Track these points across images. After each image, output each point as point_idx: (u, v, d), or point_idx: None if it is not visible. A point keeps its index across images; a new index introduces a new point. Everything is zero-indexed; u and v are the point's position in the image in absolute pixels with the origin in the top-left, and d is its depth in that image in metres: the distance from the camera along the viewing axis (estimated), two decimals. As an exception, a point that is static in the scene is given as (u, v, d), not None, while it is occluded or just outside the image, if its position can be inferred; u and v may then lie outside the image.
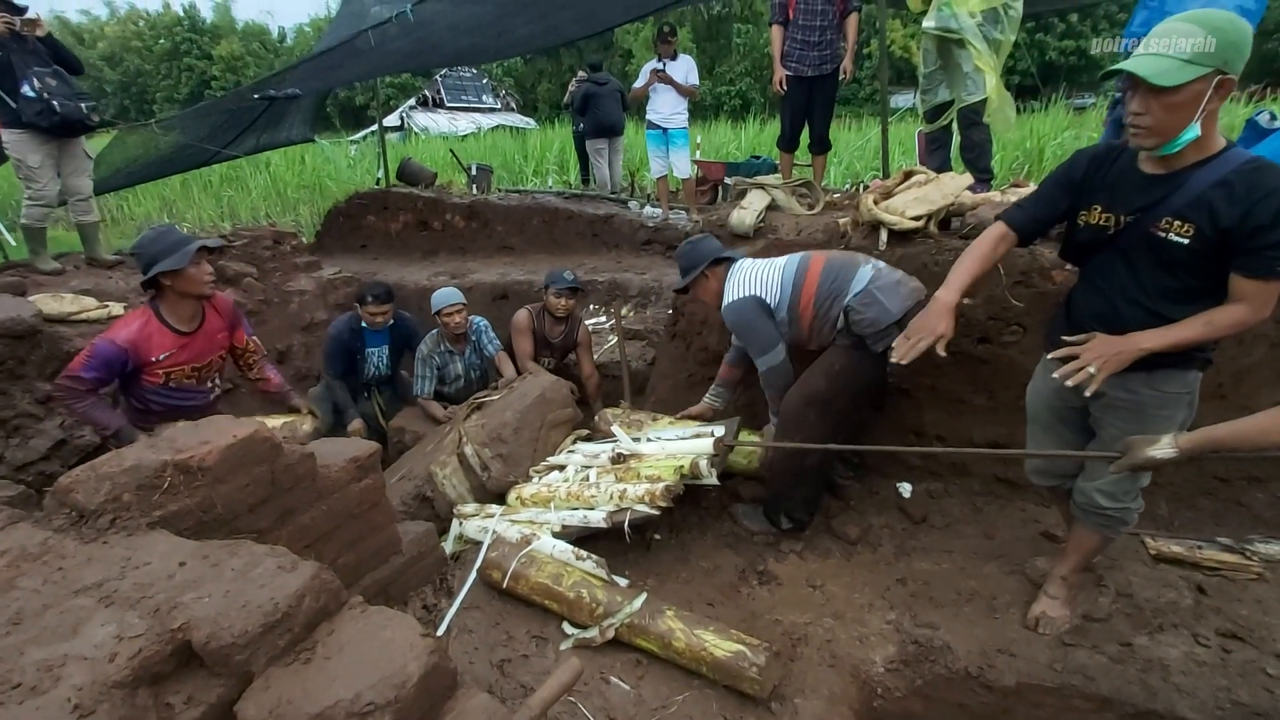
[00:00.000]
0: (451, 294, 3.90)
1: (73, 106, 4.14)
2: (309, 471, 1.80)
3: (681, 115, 6.29)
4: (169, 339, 2.51)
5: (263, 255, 4.98)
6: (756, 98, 25.71)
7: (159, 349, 2.48)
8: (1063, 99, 13.77)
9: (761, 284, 2.56)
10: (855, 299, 2.37)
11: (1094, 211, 1.78)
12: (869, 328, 2.34)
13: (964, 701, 2.09)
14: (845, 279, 2.42)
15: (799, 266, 2.54)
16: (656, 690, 1.93)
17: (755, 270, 2.60)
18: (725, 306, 2.61)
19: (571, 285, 3.78)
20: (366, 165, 12.44)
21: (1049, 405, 2.06)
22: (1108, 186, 1.76)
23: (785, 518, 2.63)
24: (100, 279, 4.36)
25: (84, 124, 4.28)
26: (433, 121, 21.60)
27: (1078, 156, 1.85)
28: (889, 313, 2.32)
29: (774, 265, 2.60)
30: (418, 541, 2.25)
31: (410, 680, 1.14)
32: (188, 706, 1.13)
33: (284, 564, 1.31)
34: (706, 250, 2.75)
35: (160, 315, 2.52)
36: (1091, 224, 1.79)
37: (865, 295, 2.36)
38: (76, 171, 4.43)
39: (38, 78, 4.01)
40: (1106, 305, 1.80)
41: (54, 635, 1.17)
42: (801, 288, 2.50)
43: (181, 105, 29.66)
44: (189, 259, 2.44)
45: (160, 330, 2.50)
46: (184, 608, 1.20)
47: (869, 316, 2.33)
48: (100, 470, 1.49)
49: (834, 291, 2.43)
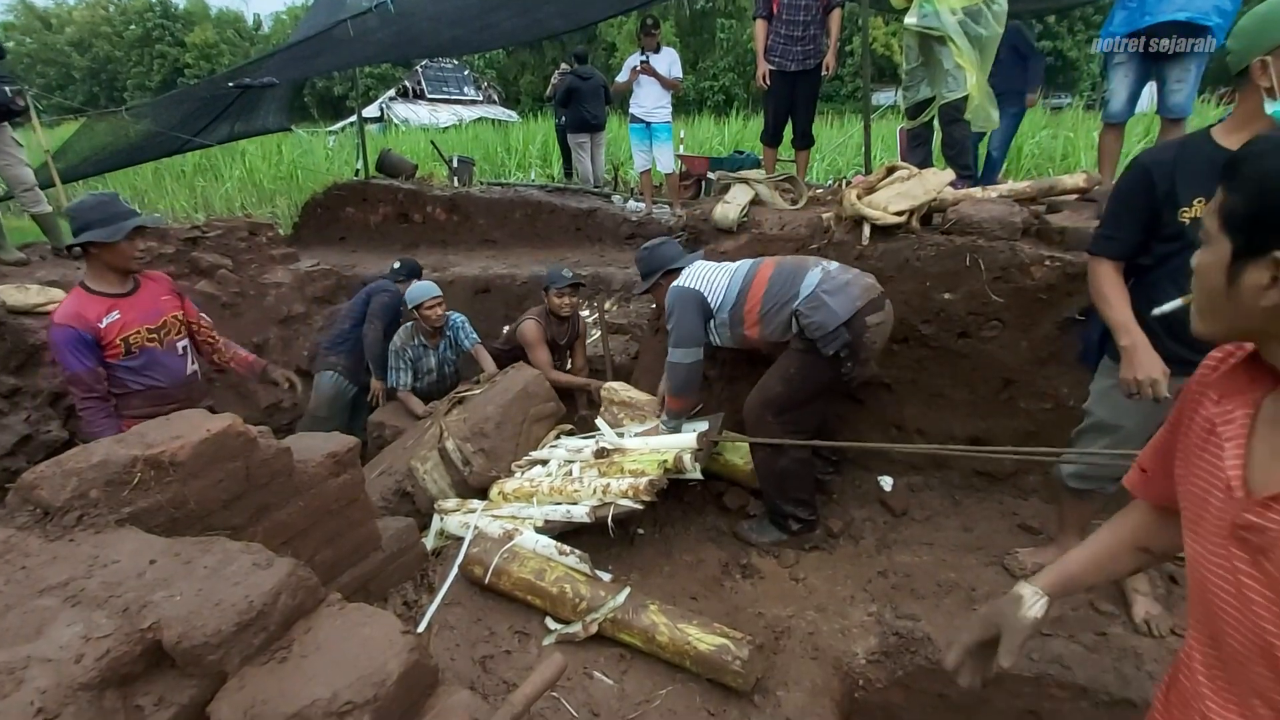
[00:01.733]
0: (429, 288, 3.85)
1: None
2: (285, 467, 1.76)
3: (665, 109, 6.26)
4: (104, 303, 2.44)
5: (238, 247, 4.87)
6: (740, 93, 25.74)
7: (98, 314, 2.40)
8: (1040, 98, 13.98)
9: (708, 283, 2.62)
10: (803, 303, 2.41)
11: (1198, 205, 1.70)
12: (817, 331, 2.36)
13: (943, 692, 2.11)
14: (793, 284, 2.46)
15: (748, 272, 2.60)
16: (640, 684, 1.93)
17: (706, 271, 2.69)
18: (670, 288, 2.70)
19: (572, 282, 3.72)
20: (345, 156, 12.25)
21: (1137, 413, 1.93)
22: (1199, 177, 1.70)
23: (792, 520, 2.61)
24: (67, 269, 4.22)
25: (8, 109, 4.07)
26: (413, 113, 21.30)
27: (1148, 161, 1.81)
28: (835, 315, 2.35)
29: (725, 269, 2.68)
30: (398, 537, 2.22)
31: (390, 678, 1.12)
32: (158, 708, 1.10)
33: (259, 561, 1.27)
34: (667, 254, 2.88)
35: (87, 287, 2.46)
36: (1200, 217, 1.73)
37: (812, 299, 2.39)
38: (10, 161, 4.24)
39: None
40: None
41: (16, 637, 1.13)
42: (748, 292, 2.55)
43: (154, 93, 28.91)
44: (123, 234, 2.38)
45: (92, 298, 2.43)
46: (154, 606, 1.16)
47: (815, 320, 2.36)
48: (66, 466, 1.44)
49: (782, 297, 2.47)
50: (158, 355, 2.55)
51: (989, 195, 2.88)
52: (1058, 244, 2.63)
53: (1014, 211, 2.69)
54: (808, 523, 2.64)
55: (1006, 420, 2.80)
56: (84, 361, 2.37)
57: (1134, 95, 3.22)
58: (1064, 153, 10.01)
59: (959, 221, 2.69)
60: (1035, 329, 2.65)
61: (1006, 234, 2.64)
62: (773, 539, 2.66)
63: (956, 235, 2.69)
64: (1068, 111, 13.35)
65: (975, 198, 2.83)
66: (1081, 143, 9.90)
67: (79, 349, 2.36)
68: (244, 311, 4.66)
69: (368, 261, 6.59)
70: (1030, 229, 2.71)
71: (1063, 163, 9.72)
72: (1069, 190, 2.96)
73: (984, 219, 2.66)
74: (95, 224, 2.37)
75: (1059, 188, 2.96)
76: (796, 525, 2.62)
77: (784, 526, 2.64)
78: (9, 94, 4.00)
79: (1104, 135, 3.41)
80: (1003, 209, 2.69)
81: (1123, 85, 3.22)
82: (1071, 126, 10.93)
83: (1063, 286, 2.55)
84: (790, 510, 2.60)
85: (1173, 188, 1.77)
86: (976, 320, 2.71)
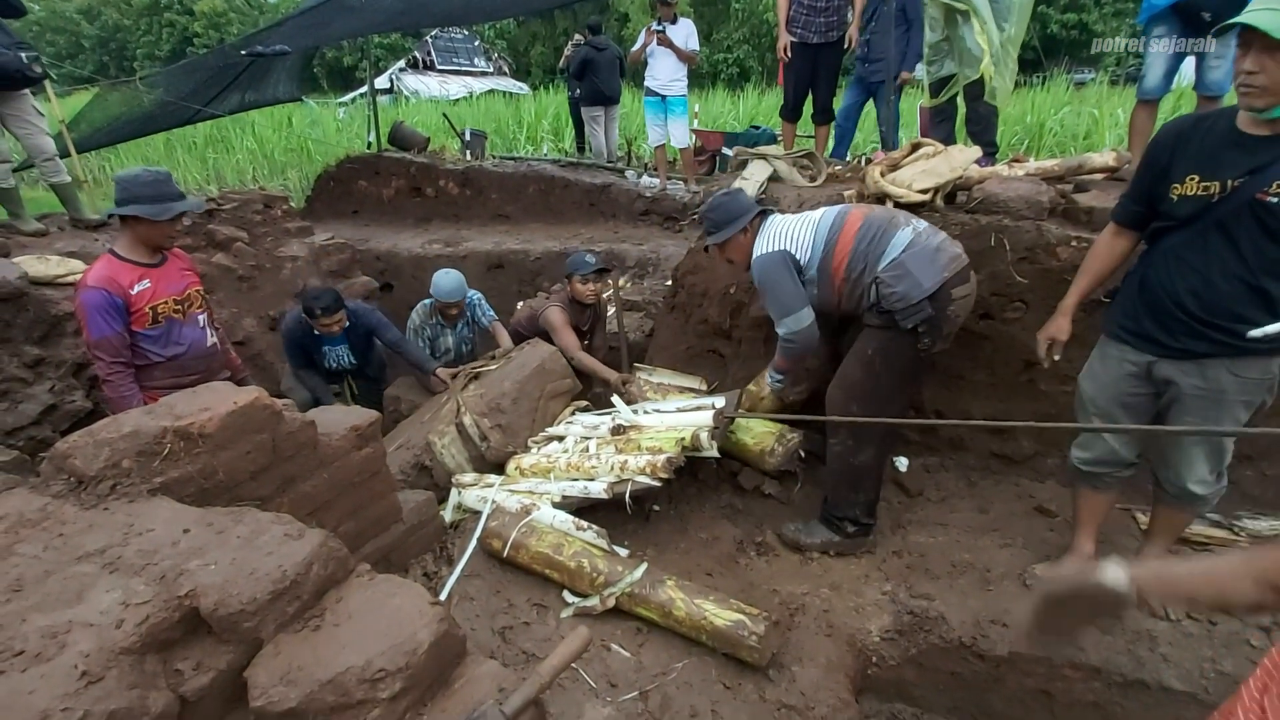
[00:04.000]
0: (454, 290, 3.71)
1: (10, 56, 3.83)
2: (310, 440, 1.78)
3: (681, 82, 6.15)
4: (136, 270, 2.48)
5: (253, 220, 4.87)
6: (755, 66, 25.22)
7: (130, 281, 2.45)
8: (1064, 73, 13.59)
9: (792, 239, 2.33)
10: (885, 270, 2.17)
11: (1190, 182, 1.70)
12: (898, 302, 2.14)
13: (956, 670, 2.14)
14: (882, 242, 2.21)
15: (834, 222, 2.31)
16: (657, 657, 1.96)
17: (787, 225, 2.38)
18: (754, 260, 2.39)
19: (597, 269, 3.57)
20: (356, 129, 12.17)
21: (1113, 393, 1.97)
22: (1203, 154, 1.68)
23: (850, 523, 2.45)
24: (86, 240, 4.24)
25: (24, 75, 3.96)
26: (423, 84, 21.04)
27: (1160, 134, 1.79)
28: (920, 286, 2.12)
29: (808, 220, 2.37)
30: (418, 510, 2.25)
31: (421, 647, 1.15)
32: (197, 672, 1.13)
33: (290, 532, 1.30)
34: (743, 204, 2.50)
35: (118, 254, 2.49)
36: (1189, 195, 1.70)
37: (896, 266, 2.16)
38: (31, 131, 4.19)
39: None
40: (1199, 281, 1.71)
41: (57, 602, 1.16)
42: (835, 245, 2.27)
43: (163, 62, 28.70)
44: (170, 215, 2.41)
45: (124, 265, 2.47)
46: (190, 575, 1.19)
47: (898, 290, 2.13)
48: (99, 436, 1.47)
49: (868, 255, 2.21)
50: (180, 326, 2.58)
51: (1016, 173, 2.83)
52: (1085, 224, 2.58)
53: (1040, 190, 2.63)
54: (865, 526, 2.47)
55: (1026, 402, 2.78)
56: (113, 325, 2.41)
57: (1171, 71, 3.12)
58: (1087, 130, 9.76)
59: (984, 200, 2.64)
60: (1059, 311, 2.61)
61: (1033, 213, 2.60)
62: (823, 541, 2.48)
63: (981, 214, 2.64)
64: (1091, 86, 12.99)
65: (1001, 176, 2.78)
66: (1106, 120, 9.64)
67: (109, 313, 2.39)
68: (261, 285, 4.68)
69: (381, 236, 6.59)
70: (1057, 208, 2.66)
71: (1085, 141, 9.48)
72: (1097, 169, 2.89)
73: (1010, 198, 2.61)
74: (144, 199, 2.39)
75: (1087, 166, 2.89)
76: (854, 528, 2.45)
77: (839, 528, 2.47)
78: (25, 60, 3.93)
79: (1136, 112, 3.31)
80: (1029, 188, 2.64)
81: (1160, 60, 3.11)
82: (1096, 103, 10.64)
83: (1089, 268, 2.51)
84: (853, 513, 2.44)
85: (1172, 159, 1.74)
86: (1000, 301, 2.67)
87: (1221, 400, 1.78)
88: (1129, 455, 2.06)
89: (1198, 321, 1.73)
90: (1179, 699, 1.92)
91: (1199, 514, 2.11)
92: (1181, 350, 1.78)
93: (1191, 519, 2.15)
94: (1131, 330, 1.88)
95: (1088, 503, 2.22)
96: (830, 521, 2.50)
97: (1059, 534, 2.49)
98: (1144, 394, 1.93)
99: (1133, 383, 1.91)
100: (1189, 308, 1.74)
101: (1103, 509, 2.23)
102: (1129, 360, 1.90)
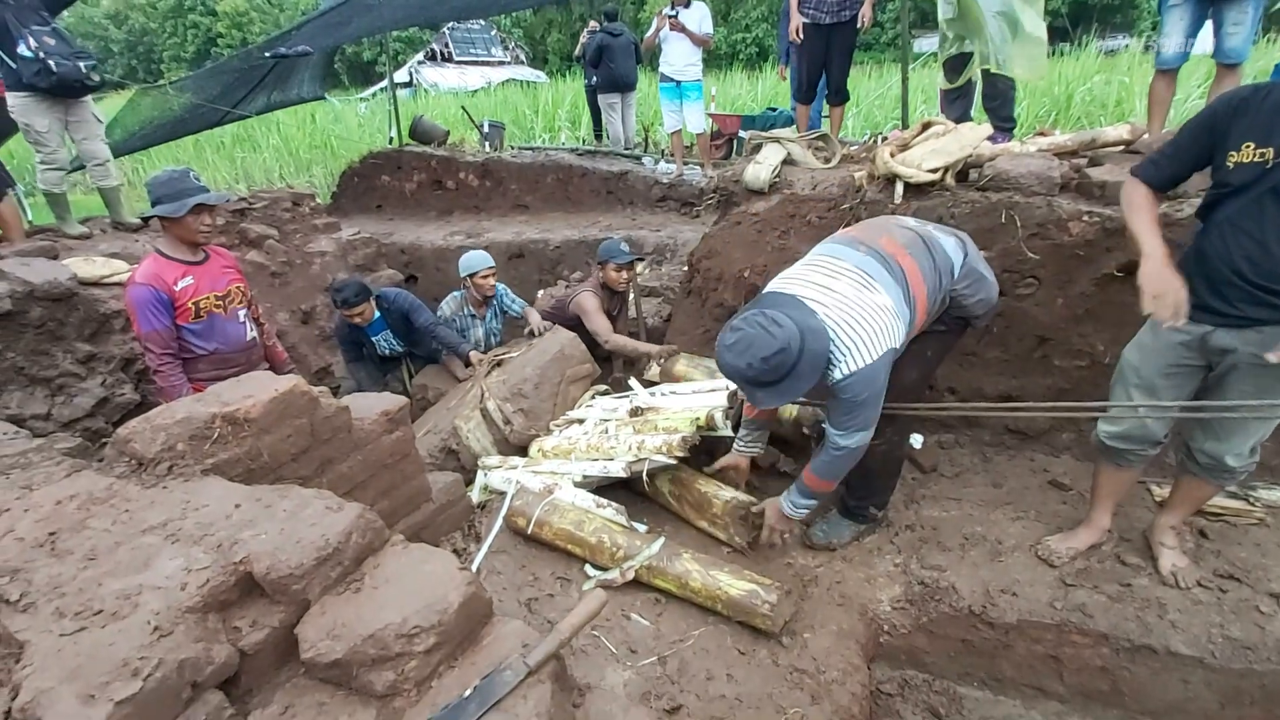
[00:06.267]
0: (484, 257, 3.88)
1: (70, 66, 3.96)
2: (345, 424, 1.90)
3: (696, 67, 6.16)
4: (180, 267, 2.64)
5: (282, 217, 5.05)
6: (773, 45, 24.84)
7: (175, 278, 2.61)
8: (1094, 40, 13.16)
9: (887, 331, 1.87)
10: (959, 282, 2.05)
11: (1246, 150, 1.72)
12: (982, 308, 2.07)
13: (966, 637, 2.20)
14: (944, 266, 2.02)
15: (902, 286, 1.93)
16: (674, 625, 2.06)
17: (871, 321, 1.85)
18: (855, 375, 1.84)
19: (631, 258, 3.63)
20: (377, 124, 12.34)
21: (1160, 363, 1.95)
22: (1259, 123, 1.71)
23: (875, 508, 2.48)
24: (127, 242, 4.45)
25: (84, 84, 4.09)
26: (441, 77, 21.22)
27: (1218, 103, 1.80)
28: (994, 286, 2.08)
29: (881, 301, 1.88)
30: (446, 490, 2.37)
31: (451, 607, 1.26)
32: (253, 629, 1.25)
33: (331, 505, 1.41)
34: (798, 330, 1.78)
35: (163, 253, 2.66)
36: (1244, 163, 1.73)
37: (969, 275, 2.05)
38: (88, 136, 4.37)
39: (34, 36, 3.87)
40: (1256, 248, 1.74)
41: (128, 568, 1.29)
42: (915, 306, 1.97)
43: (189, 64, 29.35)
44: (184, 211, 2.55)
45: (168, 263, 2.63)
46: (243, 544, 1.31)
47: (980, 298, 2.06)
48: (155, 422, 1.60)
49: (939, 278, 2.01)
50: (221, 321, 2.73)
51: (1027, 150, 2.83)
52: (1098, 199, 2.58)
53: (1052, 166, 2.64)
54: (885, 502, 2.51)
55: (1040, 378, 2.80)
56: (161, 319, 2.57)
57: (1189, 38, 3.07)
58: (1118, 99, 9.47)
59: (995, 177, 2.66)
60: (1072, 286, 2.63)
61: (1044, 189, 2.61)
62: (853, 535, 2.48)
63: (992, 191, 2.66)
64: (1123, 54, 12.55)
65: (1013, 153, 2.78)
66: (1137, 88, 9.33)
67: (156, 308, 2.56)
68: (292, 280, 4.86)
69: (404, 229, 6.74)
70: (1069, 184, 2.66)
71: (1116, 109, 9.19)
72: (1111, 143, 2.88)
73: (1021, 174, 2.62)
74: (165, 199, 2.55)
75: (1101, 140, 2.88)
76: (879, 510, 2.49)
77: (862, 516, 2.49)
78: (84, 70, 4.05)
79: (1155, 82, 3.26)
80: (1041, 164, 2.65)
81: (1177, 28, 3.06)
82: (1127, 70, 10.30)
83: (1101, 242, 2.52)
84: (883, 496, 2.48)
85: (1229, 128, 1.75)
86: (1012, 278, 2.69)
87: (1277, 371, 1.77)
88: (1159, 433, 2.05)
89: (1256, 288, 1.74)
90: (1187, 663, 1.96)
91: (1224, 487, 2.12)
92: (1240, 318, 1.78)
93: (1216, 492, 2.15)
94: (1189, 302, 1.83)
95: (1109, 479, 2.22)
96: (853, 513, 2.50)
97: (1072, 507, 2.52)
98: (1192, 365, 1.92)
99: (1182, 352, 1.89)
100: (1246, 274, 1.75)
101: (1124, 486, 2.25)
102: (1183, 330, 1.86)
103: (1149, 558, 2.23)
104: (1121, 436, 2.10)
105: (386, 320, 3.88)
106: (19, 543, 1.36)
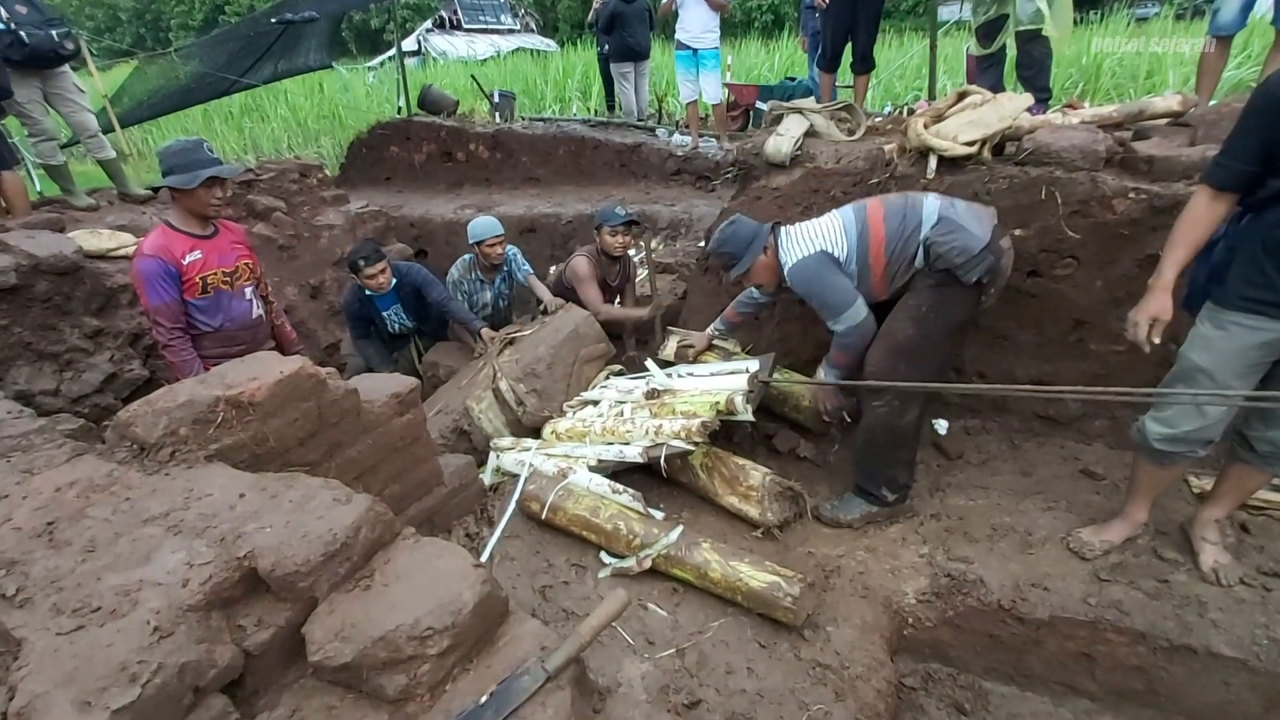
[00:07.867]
0: (493, 224, 3.80)
1: (43, 35, 3.81)
2: (354, 406, 1.83)
3: (713, 34, 5.93)
4: (188, 241, 2.56)
5: (290, 189, 4.94)
6: (790, 12, 24.13)
7: (183, 250, 2.53)
8: (1124, 7, 12.63)
9: (824, 237, 2.30)
10: (934, 231, 2.16)
11: None
12: (959, 256, 2.12)
13: (994, 632, 2.13)
14: (912, 216, 2.21)
15: (858, 215, 2.31)
16: (693, 616, 2.00)
17: (812, 228, 2.36)
18: (791, 269, 2.34)
19: (626, 220, 3.58)
20: (385, 93, 12.14)
21: (1238, 365, 1.81)
22: None
23: (888, 488, 2.41)
24: (134, 214, 4.37)
25: (57, 53, 3.94)
26: (450, 45, 20.79)
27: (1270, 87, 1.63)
28: (976, 237, 2.12)
29: (830, 219, 2.36)
30: (458, 473, 2.31)
31: (465, 607, 1.19)
32: (258, 628, 1.19)
33: (339, 496, 1.35)
34: (752, 226, 2.48)
35: (172, 225, 2.58)
36: None
37: (945, 224, 2.16)
38: (74, 109, 4.24)
39: (5, 7, 3.74)
40: None
41: (128, 562, 1.24)
42: (869, 235, 2.25)
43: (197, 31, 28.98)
44: (197, 183, 2.46)
45: (177, 236, 2.56)
46: (248, 537, 1.25)
47: (956, 245, 2.12)
48: (156, 405, 1.54)
49: (904, 231, 2.21)
50: (228, 297, 2.66)
51: (1070, 121, 2.67)
52: (1144, 174, 2.43)
53: (1097, 139, 2.48)
54: (904, 489, 2.45)
55: (1075, 363, 2.69)
56: (170, 292, 2.50)
57: (1249, 3, 2.87)
58: (1149, 70, 9.09)
59: (1035, 151, 2.51)
60: (1113, 267, 2.49)
61: (1088, 164, 2.46)
62: (863, 514, 2.45)
63: (1032, 166, 2.51)
64: (1155, 21, 12.04)
65: (1054, 125, 2.62)
66: (1170, 59, 8.94)
67: (164, 280, 2.49)
68: (300, 254, 4.77)
69: (413, 201, 6.63)
70: (1114, 158, 2.50)
71: (1147, 81, 8.85)
72: (1160, 114, 2.71)
73: (1063, 148, 2.47)
74: (177, 170, 2.46)
75: (1149, 111, 2.71)
76: (894, 494, 2.42)
77: (876, 497, 2.43)
78: (56, 38, 3.92)
79: (1207, 50, 3.07)
80: (1084, 136, 2.49)
81: None
82: (1159, 38, 9.88)
83: (1147, 221, 2.38)
84: (891, 473, 2.40)
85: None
86: (1049, 258, 2.56)
87: None
88: (1217, 434, 1.91)
89: None
90: (1228, 665, 1.88)
91: (1277, 476, 2.02)
92: None
93: (1267, 481, 2.05)
94: (1263, 300, 1.73)
95: (1150, 475, 2.10)
96: (865, 492, 2.46)
97: (1105, 497, 2.43)
98: (1265, 362, 1.81)
99: (1265, 352, 1.78)
100: None
101: (1165, 484, 2.15)
102: (1261, 328, 1.75)
103: (1188, 553, 2.14)
104: (1174, 439, 1.93)
105: (399, 295, 3.80)
106: (16, 533, 1.30)
